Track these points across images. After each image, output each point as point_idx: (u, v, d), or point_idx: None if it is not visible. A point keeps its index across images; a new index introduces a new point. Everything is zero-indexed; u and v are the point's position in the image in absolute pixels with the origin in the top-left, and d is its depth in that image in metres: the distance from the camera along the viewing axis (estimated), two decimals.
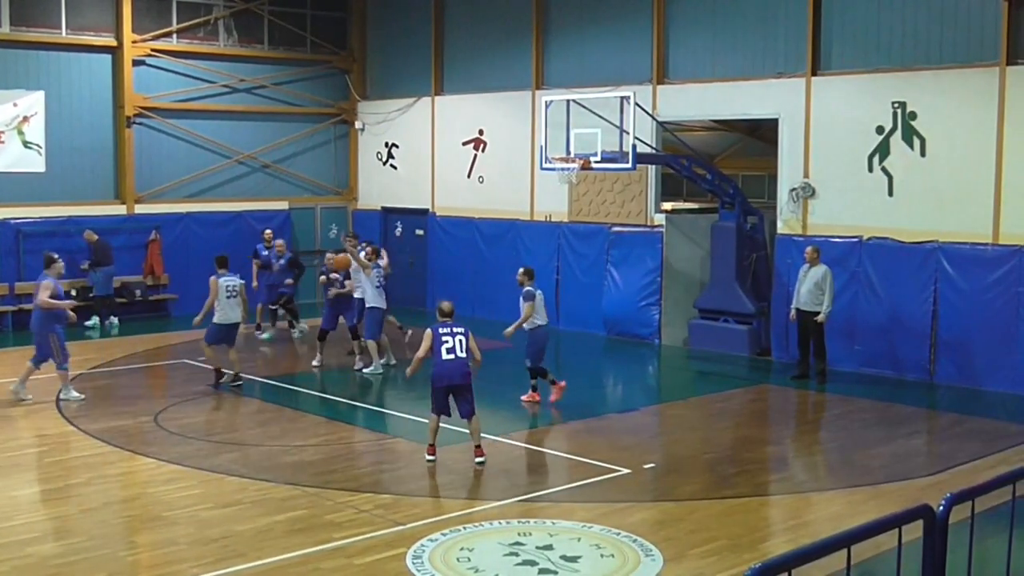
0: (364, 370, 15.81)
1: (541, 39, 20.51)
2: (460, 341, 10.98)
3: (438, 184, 22.57)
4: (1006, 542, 5.21)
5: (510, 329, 13.78)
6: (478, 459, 11.01)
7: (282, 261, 19.09)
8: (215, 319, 14.65)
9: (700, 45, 18.21)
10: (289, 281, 19.13)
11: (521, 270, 14.11)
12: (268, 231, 20.12)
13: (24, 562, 8.18)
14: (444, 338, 10.97)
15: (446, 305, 11.48)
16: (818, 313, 15.02)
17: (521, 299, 13.68)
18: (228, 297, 14.66)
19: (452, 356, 10.92)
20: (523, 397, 13.98)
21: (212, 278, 14.68)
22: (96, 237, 19.99)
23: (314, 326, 17.76)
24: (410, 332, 16.67)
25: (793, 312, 15.42)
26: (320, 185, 24.10)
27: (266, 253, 19.37)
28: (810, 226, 16.75)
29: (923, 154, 15.45)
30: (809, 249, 15.41)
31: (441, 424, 11.05)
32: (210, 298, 14.61)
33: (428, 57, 22.53)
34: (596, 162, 15.78)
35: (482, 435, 11.10)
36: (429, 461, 10.94)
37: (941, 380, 15.28)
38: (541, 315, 13.77)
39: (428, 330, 11.14)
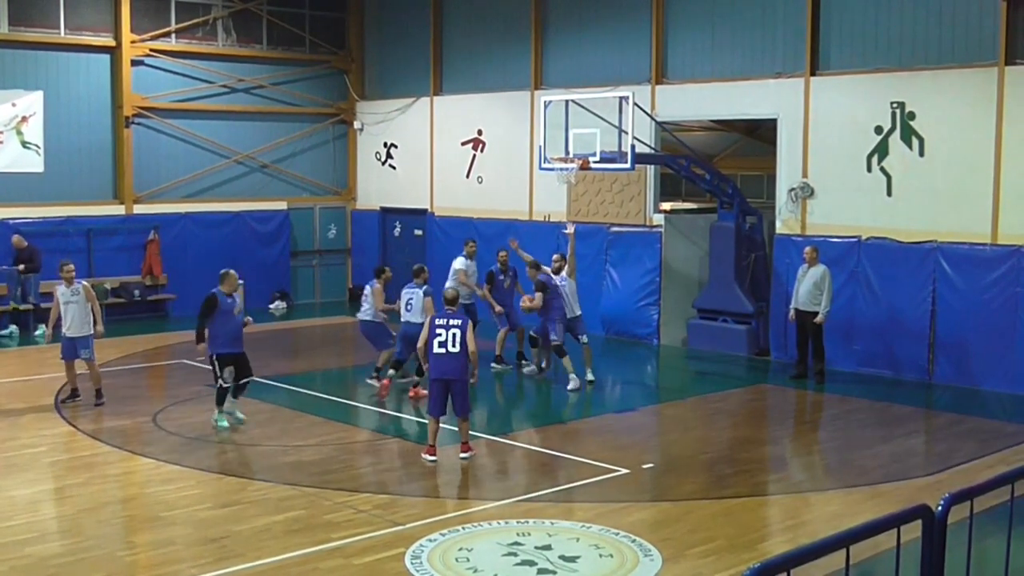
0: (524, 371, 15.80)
1: (540, 39, 20.51)
2: (454, 335, 10.82)
3: (437, 184, 22.57)
4: (1005, 542, 5.21)
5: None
6: (463, 454, 11.02)
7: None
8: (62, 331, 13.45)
9: (699, 45, 18.21)
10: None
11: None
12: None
13: (23, 562, 8.17)
14: (438, 331, 10.88)
15: (449, 293, 11.44)
16: (817, 313, 15.02)
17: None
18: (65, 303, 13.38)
19: (443, 351, 10.82)
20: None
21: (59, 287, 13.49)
22: (26, 243, 19.28)
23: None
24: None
25: (792, 312, 15.42)
26: (319, 185, 24.09)
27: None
28: (809, 226, 16.76)
29: (922, 154, 15.46)
30: (808, 249, 15.40)
31: (441, 425, 11.03)
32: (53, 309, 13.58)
33: (427, 57, 22.53)
34: (595, 162, 15.77)
35: (482, 435, 11.09)
36: (430, 462, 10.92)
37: (939, 380, 15.29)
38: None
39: (428, 318, 11.17)
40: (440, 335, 10.84)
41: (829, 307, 15.03)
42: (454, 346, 10.82)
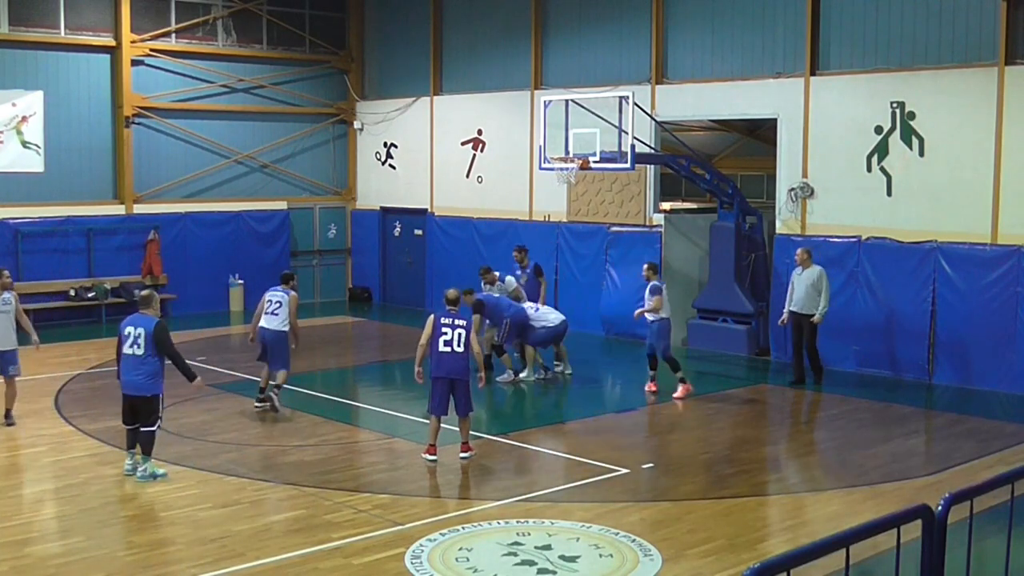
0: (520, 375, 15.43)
1: (540, 39, 20.51)
2: (460, 334, 10.86)
3: (437, 184, 22.57)
4: (1005, 542, 5.21)
5: (637, 311, 14.60)
6: (463, 454, 11.05)
7: None
8: None
9: (699, 45, 18.22)
10: None
11: (646, 265, 14.87)
12: None
13: (23, 562, 8.18)
14: (443, 329, 10.89)
15: (451, 293, 11.34)
16: (814, 315, 14.89)
17: (648, 292, 14.37)
18: None
19: (448, 349, 10.85)
20: (647, 387, 14.66)
21: None
22: None
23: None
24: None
25: (785, 315, 15.25)
26: (319, 185, 24.09)
27: None
28: (809, 226, 16.75)
29: (922, 154, 15.46)
30: (800, 251, 15.18)
31: (441, 425, 11.04)
32: None
33: (427, 57, 22.53)
34: (595, 162, 15.77)
35: (482, 435, 11.10)
36: (430, 461, 10.92)
37: (939, 380, 15.28)
38: (667, 308, 14.52)
39: (431, 317, 11.12)
40: (446, 334, 10.87)
41: (827, 307, 14.90)
42: (459, 346, 10.85)
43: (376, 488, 10.24)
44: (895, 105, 15.66)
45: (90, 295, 20.44)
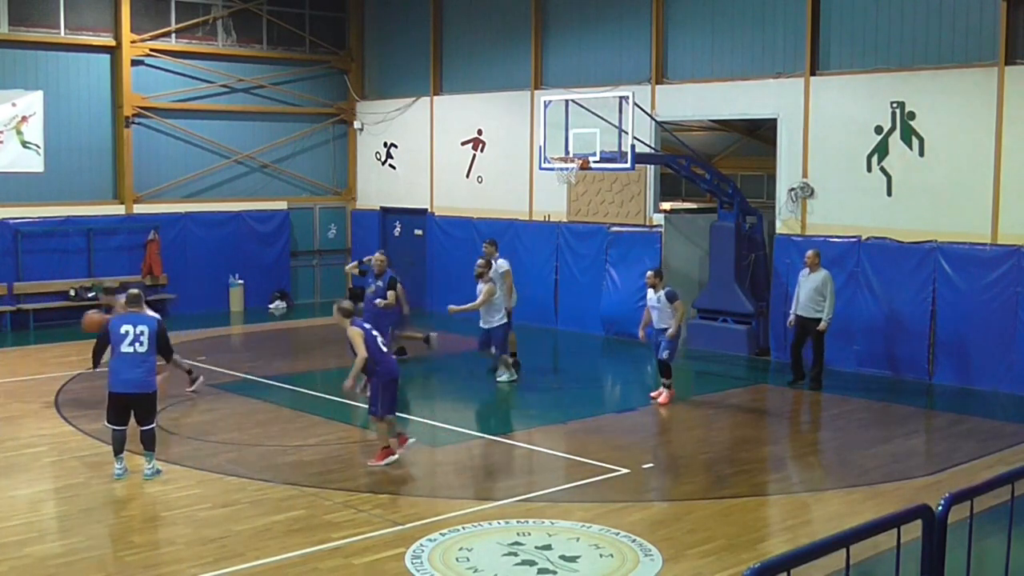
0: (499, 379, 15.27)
1: (540, 39, 20.51)
2: (381, 338, 10.97)
3: (437, 184, 22.58)
4: (1005, 542, 5.21)
5: (672, 330, 13.83)
6: (408, 443, 11.02)
7: None
8: None
9: (699, 45, 18.22)
10: None
11: (651, 272, 14.25)
12: None
13: (23, 562, 8.18)
14: (374, 333, 10.82)
15: (348, 304, 11.00)
16: (818, 320, 14.68)
17: (667, 300, 13.83)
18: None
19: (387, 350, 10.99)
20: (653, 394, 14.30)
21: None
22: None
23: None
24: (434, 336, 16.61)
25: (792, 318, 15.19)
26: (319, 185, 24.10)
27: None
28: (809, 226, 16.75)
29: (922, 154, 15.46)
30: (810, 253, 15.12)
31: (441, 425, 11.05)
32: None
33: (427, 57, 22.53)
34: (595, 162, 15.76)
35: (482, 435, 11.09)
36: (391, 462, 10.84)
37: (939, 380, 15.28)
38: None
39: (357, 329, 10.67)
40: (378, 337, 10.83)
41: (832, 313, 14.74)
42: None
43: (376, 488, 10.24)
44: (895, 105, 15.66)
45: (90, 295, 20.42)
